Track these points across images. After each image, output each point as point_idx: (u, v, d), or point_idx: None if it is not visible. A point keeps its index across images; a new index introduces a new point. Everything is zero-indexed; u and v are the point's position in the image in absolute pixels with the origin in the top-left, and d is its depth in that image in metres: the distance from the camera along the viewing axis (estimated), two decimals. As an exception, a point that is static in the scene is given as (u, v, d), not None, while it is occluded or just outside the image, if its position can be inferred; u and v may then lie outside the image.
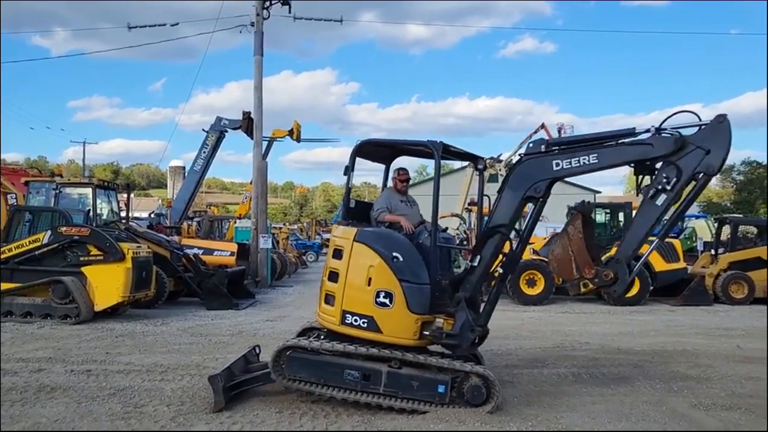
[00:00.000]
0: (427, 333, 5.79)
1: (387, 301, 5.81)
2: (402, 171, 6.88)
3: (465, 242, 18.05)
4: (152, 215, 28.54)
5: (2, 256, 11.46)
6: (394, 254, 5.81)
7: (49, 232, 11.50)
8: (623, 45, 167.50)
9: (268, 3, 19.72)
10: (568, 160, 5.76)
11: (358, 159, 6.47)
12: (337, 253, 6.08)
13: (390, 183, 7.00)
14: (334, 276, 6.04)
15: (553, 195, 6.13)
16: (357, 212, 6.72)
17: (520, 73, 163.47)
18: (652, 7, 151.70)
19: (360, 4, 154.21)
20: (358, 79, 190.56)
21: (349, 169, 6.39)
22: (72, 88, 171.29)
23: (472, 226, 17.36)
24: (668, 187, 5.54)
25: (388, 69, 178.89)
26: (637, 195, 5.82)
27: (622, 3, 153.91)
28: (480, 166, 6.61)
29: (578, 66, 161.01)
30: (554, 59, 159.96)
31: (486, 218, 6.68)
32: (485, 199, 6.58)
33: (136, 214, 29.86)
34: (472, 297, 5.93)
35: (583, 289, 6.13)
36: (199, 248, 16.85)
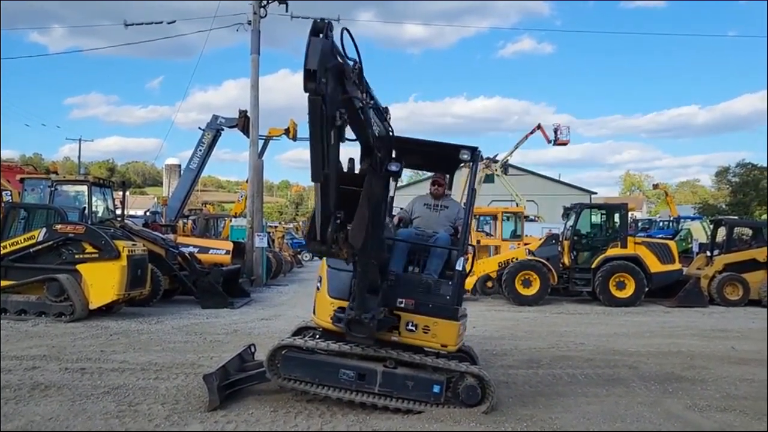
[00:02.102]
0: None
1: (319, 284, 6.14)
2: (436, 175, 7.07)
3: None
4: (148, 213, 28.53)
5: (-3, 254, 11.44)
6: None
7: (44, 230, 11.45)
8: (621, 46, 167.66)
9: (265, 2, 19.69)
10: None
11: None
12: None
13: None
14: None
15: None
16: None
17: (518, 74, 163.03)
18: (650, 8, 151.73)
19: (358, 3, 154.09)
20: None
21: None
22: (69, 85, 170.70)
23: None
24: None
25: (386, 68, 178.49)
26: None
27: (621, 3, 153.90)
28: (464, 156, 6.22)
29: (576, 67, 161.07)
30: (552, 60, 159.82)
31: (460, 212, 6.68)
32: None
33: (132, 212, 29.81)
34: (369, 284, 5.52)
35: None
36: (195, 246, 16.82)
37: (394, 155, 6.92)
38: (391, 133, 5.33)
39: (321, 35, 4.05)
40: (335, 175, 4.39)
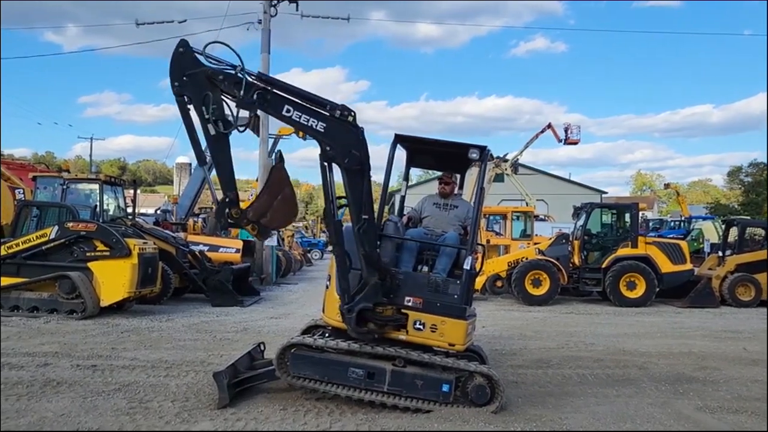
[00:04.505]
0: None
1: (328, 283, 6.21)
2: (443, 174, 7.09)
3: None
4: (158, 212, 28.65)
5: (10, 251, 11.53)
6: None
7: (56, 228, 11.54)
8: (635, 45, 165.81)
9: (275, 1, 19.74)
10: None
11: None
12: None
13: None
14: None
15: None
16: None
17: (531, 73, 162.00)
18: (664, 7, 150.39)
19: (370, 3, 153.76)
20: (368, 77, 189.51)
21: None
22: (83, 83, 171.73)
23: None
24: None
25: (398, 67, 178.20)
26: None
27: (634, 3, 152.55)
28: (473, 155, 6.21)
29: (589, 66, 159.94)
30: (565, 59, 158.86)
31: (470, 211, 6.67)
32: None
33: (142, 211, 29.96)
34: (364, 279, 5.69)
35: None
36: (205, 245, 16.84)
37: (411, 154, 7.08)
38: (358, 132, 5.45)
39: (174, 52, 5.26)
40: (222, 160, 5.44)
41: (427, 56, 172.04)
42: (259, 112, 5.73)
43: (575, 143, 36.50)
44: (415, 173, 68.37)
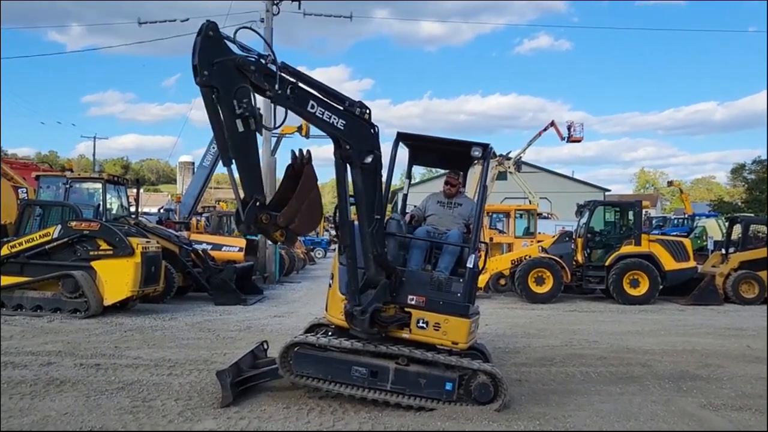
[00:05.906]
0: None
1: (331, 281, 6.18)
2: (448, 175, 7.09)
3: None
4: (161, 210, 28.73)
5: (13, 250, 11.55)
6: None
7: (59, 227, 11.56)
8: (639, 42, 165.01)
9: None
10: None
11: None
12: None
13: None
14: None
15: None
16: None
17: (534, 71, 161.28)
18: (667, 5, 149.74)
19: (373, 2, 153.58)
20: (371, 75, 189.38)
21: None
22: (87, 83, 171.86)
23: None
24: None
25: (402, 66, 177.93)
26: None
27: (637, 2, 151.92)
28: (476, 153, 6.20)
29: (592, 64, 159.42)
30: (569, 57, 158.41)
31: (474, 209, 6.65)
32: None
33: (146, 210, 30.02)
34: (369, 280, 5.65)
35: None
36: (208, 244, 16.89)
37: (413, 152, 7.08)
38: (375, 130, 5.41)
39: (203, 35, 4.58)
40: (251, 161, 5.01)
41: (430, 55, 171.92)
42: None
43: (578, 141, 36.46)
44: (418, 171, 68.32)
